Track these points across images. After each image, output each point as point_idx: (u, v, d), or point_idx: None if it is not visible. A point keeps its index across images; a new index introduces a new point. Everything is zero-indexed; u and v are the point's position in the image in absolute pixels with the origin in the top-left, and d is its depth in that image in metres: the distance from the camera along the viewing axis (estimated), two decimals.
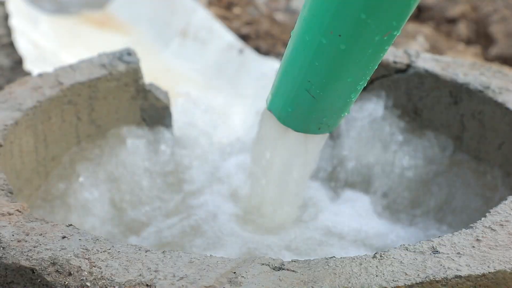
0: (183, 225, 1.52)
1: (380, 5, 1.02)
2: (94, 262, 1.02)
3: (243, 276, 0.99)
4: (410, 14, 1.04)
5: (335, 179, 1.68)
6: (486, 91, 1.51)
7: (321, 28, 1.10)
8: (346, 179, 1.67)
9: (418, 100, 1.63)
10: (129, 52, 1.66)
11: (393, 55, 1.66)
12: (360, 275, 1.00)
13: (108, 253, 1.04)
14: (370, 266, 1.02)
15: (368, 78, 1.19)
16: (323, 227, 1.52)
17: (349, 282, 0.99)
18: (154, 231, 1.52)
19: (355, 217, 1.56)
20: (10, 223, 1.11)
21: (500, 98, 1.48)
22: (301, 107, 1.26)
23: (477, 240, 1.08)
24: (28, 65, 2.48)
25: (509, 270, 1.02)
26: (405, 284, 0.99)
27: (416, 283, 0.99)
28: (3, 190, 1.21)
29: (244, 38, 2.97)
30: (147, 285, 0.98)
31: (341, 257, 1.04)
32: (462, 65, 1.61)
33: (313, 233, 1.50)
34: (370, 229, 1.52)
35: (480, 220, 1.13)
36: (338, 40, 1.09)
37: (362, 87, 1.21)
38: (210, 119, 1.96)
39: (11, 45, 2.70)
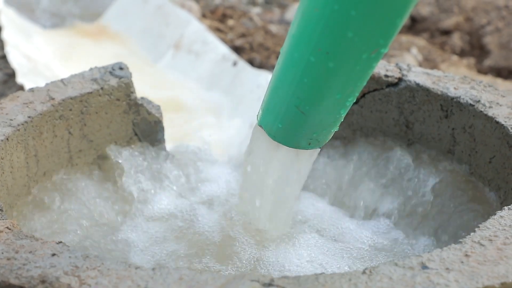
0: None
1: (366, 24, 1.02)
2: (83, 280, 1.02)
3: None
4: (396, 33, 1.05)
5: None
6: (477, 105, 1.51)
7: (309, 45, 1.11)
8: None
9: (410, 114, 1.63)
10: (121, 67, 1.65)
11: (384, 68, 1.67)
12: None
13: (98, 270, 1.04)
14: (360, 282, 1.02)
15: (357, 94, 1.20)
16: None
17: None
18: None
19: None
20: None
21: (490, 112, 1.48)
22: (291, 123, 1.27)
23: (466, 255, 1.08)
24: (20, 78, 2.47)
25: (497, 286, 1.02)
26: None
27: None
28: None
29: (238, 50, 2.97)
30: None
31: (330, 273, 1.04)
32: (453, 79, 1.61)
33: None
34: None
35: (469, 235, 1.13)
36: (326, 57, 1.10)
37: (352, 103, 1.22)
38: (203, 132, 1.96)
39: (3, 58, 2.70)
